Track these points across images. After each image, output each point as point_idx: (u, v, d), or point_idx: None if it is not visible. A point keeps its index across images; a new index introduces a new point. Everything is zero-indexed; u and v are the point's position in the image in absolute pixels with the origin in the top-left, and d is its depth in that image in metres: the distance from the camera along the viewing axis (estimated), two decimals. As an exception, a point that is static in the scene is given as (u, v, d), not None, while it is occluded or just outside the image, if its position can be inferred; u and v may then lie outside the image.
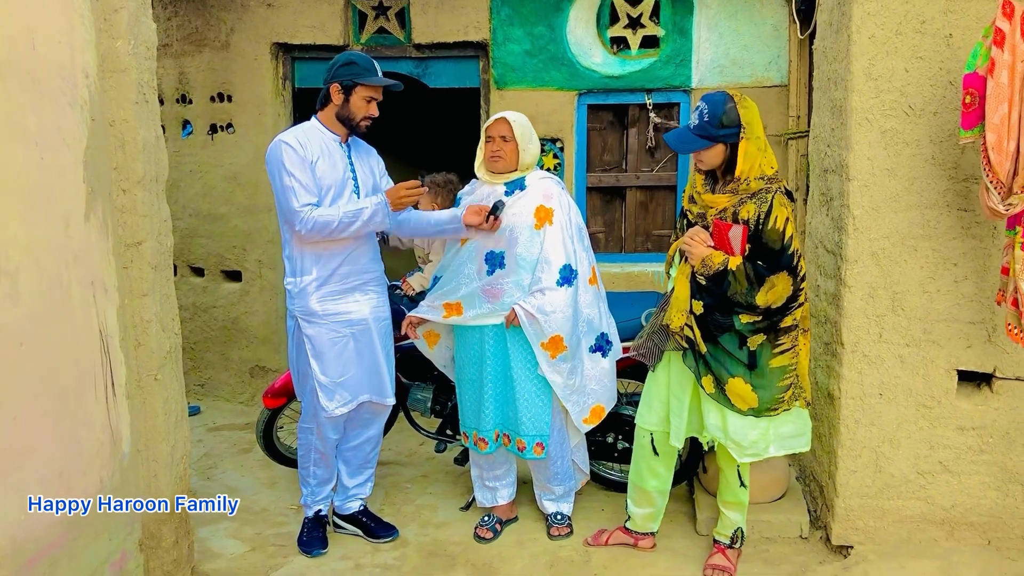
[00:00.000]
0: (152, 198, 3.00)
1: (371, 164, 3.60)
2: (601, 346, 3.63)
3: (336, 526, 3.80)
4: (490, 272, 3.54)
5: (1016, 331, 3.00)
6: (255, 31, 5.36)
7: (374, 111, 3.47)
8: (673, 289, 3.26)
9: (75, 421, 2.46)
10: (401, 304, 4.07)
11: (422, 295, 4.01)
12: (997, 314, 3.22)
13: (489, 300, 3.53)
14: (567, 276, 3.48)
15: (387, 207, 3.43)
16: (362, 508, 3.82)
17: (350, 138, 3.51)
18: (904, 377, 3.34)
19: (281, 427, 4.27)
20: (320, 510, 3.72)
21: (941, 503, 3.39)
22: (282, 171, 3.28)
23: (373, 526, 3.77)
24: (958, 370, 3.31)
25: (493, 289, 3.53)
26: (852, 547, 3.45)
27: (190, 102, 5.62)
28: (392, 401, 3.65)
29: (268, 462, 4.48)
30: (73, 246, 2.46)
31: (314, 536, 3.66)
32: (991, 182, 2.83)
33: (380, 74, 3.43)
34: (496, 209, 3.46)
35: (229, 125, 5.52)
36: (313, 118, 3.48)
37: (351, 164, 3.49)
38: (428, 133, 7.94)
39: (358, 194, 3.48)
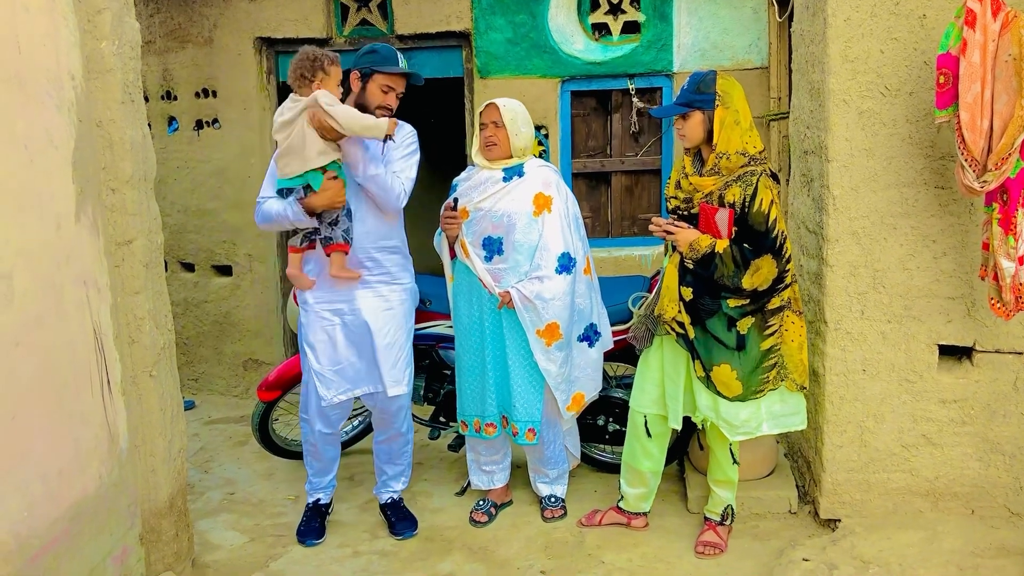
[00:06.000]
0: (141, 196, 3.03)
1: None
2: (588, 336, 3.67)
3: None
4: (488, 259, 3.58)
5: (998, 304, 3.06)
6: (238, 26, 5.36)
7: (391, 102, 3.46)
8: (663, 279, 3.32)
9: (72, 419, 2.50)
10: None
11: None
12: (976, 289, 3.27)
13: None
14: (566, 264, 3.51)
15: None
16: (389, 501, 3.79)
17: None
18: (886, 353, 3.40)
19: (276, 419, 4.31)
20: (319, 499, 3.75)
21: (925, 475, 3.46)
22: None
23: (394, 520, 3.74)
24: (939, 344, 3.37)
25: (492, 275, 3.56)
26: (840, 520, 3.52)
27: (175, 98, 5.62)
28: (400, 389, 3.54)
29: (264, 454, 4.52)
30: (65, 247, 2.49)
31: (312, 526, 3.70)
32: (966, 160, 2.88)
33: (404, 65, 3.43)
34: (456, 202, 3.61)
35: (215, 120, 5.53)
36: None
37: None
38: (412, 124, 7.93)
39: None
